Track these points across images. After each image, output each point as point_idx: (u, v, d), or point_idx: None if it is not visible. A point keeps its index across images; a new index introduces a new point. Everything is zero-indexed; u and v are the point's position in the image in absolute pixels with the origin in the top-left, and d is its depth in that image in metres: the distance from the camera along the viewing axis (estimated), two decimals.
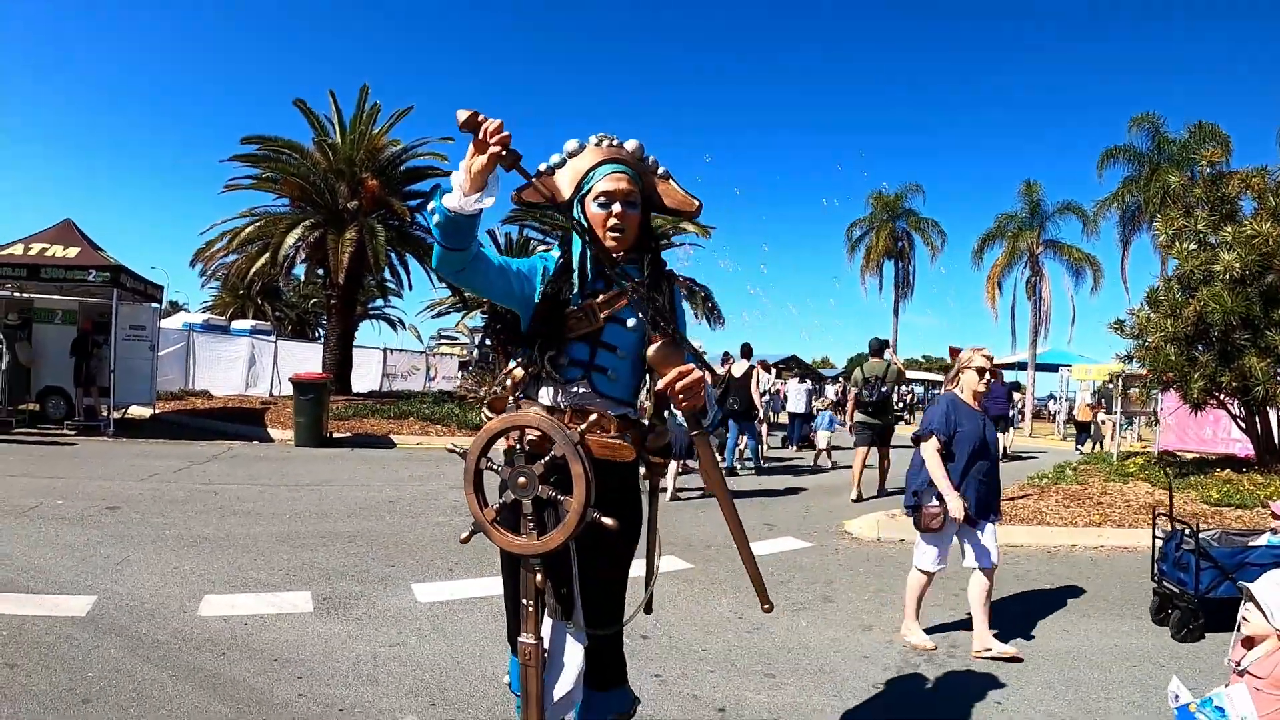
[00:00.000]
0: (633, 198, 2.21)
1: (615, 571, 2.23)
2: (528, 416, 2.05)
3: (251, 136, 18.92)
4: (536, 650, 2.05)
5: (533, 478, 2.01)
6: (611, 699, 2.28)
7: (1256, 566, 4.64)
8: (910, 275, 37.91)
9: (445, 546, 6.12)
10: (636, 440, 2.22)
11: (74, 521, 6.20)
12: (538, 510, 2.02)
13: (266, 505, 7.38)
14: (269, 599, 4.58)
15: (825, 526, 7.90)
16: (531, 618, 2.06)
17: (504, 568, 2.29)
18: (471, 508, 2.07)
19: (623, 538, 2.14)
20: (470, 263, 2.00)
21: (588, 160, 2.22)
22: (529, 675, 2.06)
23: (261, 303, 37.81)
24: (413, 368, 28.07)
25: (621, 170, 2.19)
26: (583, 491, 1.95)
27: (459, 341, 45.73)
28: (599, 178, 2.18)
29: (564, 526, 1.97)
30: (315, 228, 18.49)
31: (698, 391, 2.04)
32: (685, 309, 2.53)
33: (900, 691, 3.72)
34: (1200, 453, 15.37)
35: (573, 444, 1.98)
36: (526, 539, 2.02)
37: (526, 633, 2.06)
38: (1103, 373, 24.84)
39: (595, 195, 2.18)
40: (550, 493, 2.00)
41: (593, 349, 2.18)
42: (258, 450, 11.93)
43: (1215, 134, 24.23)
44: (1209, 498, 8.70)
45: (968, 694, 3.73)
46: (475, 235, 1.96)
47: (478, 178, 1.84)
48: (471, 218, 1.89)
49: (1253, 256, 9.28)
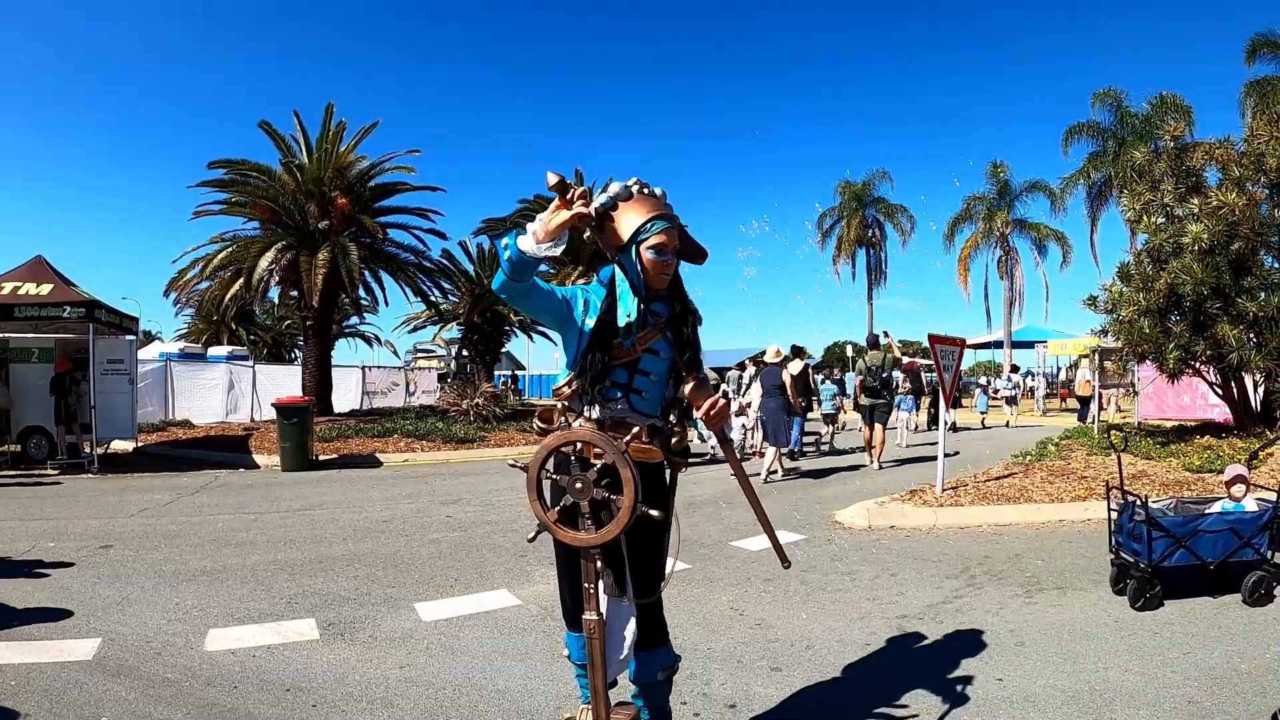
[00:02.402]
0: (675, 250, 2.64)
1: (654, 551, 2.70)
2: (580, 432, 2.48)
3: (219, 161, 18.85)
4: (600, 624, 2.49)
5: (588, 482, 2.44)
6: (658, 657, 2.76)
7: (1210, 534, 4.79)
8: (882, 261, 38.29)
9: (444, 564, 6.15)
10: (663, 445, 2.65)
11: (69, 563, 6.16)
12: (594, 509, 2.46)
13: (260, 533, 7.36)
14: (274, 628, 4.59)
15: (816, 518, 8.01)
16: (593, 598, 2.48)
17: (560, 560, 2.73)
18: (536, 512, 2.50)
19: (660, 523, 2.59)
20: (525, 291, 2.48)
21: (639, 210, 2.58)
22: (594, 645, 2.48)
23: (236, 327, 37.59)
24: (392, 384, 27.96)
25: (669, 226, 2.60)
26: (632, 491, 2.39)
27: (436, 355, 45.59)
28: (655, 231, 2.57)
29: (618, 521, 2.41)
30: (288, 249, 18.40)
31: (724, 416, 2.64)
32: None
33: (904, 677, 3.79)
34: (1180, 420, 15.62)
35: (621, 452, 2.40)
36: (586, 533, 2.45)
37: (589, 610, 2.48)
38: (1078, 347, 25.16)
39: (652, 245, 2.57)
40: (604, 494, 2.44)
41: (630, 374, 2.64)
42: (245, 478, 11.86)
43: (1177, 105, 24.66)
44: (1191, 465, 8.87)
45: (968, 674, 3.82)
46: (535, 268, 2.43)
47: (555, 231, 2.33)
48: (539, 260, 2.38)
49: (1220, 227, 9.48)
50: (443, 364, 40.04)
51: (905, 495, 8.69)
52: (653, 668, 2.75)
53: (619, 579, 2.59)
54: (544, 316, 2.65)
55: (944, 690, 3.63)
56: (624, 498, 2.39)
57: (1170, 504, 5.31)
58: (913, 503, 8.30)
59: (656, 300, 2.68)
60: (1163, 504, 5.24)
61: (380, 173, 20.40)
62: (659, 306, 2.69)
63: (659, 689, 2.79)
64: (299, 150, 19.42)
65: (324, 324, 19.96)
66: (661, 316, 2.67)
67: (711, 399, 2.61)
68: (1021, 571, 5.80)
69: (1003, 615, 4.77)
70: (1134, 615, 4.70)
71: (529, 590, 5.36)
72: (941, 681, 3.73)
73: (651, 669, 2.75)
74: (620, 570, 2.59)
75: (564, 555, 2.68)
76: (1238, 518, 4.84)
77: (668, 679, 2.80)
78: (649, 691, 2.78)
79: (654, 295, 2.66)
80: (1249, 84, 24.22)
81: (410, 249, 21.28)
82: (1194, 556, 4.79)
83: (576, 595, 2.60)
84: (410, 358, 44.44)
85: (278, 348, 40.72)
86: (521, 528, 7.47)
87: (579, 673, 2.78)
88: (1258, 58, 24.42)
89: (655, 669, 2.75)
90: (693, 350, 2.74)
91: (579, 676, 2.80)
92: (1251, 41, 24.52)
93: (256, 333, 40.00)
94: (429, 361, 43.25)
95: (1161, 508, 5.13)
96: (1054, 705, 3.48)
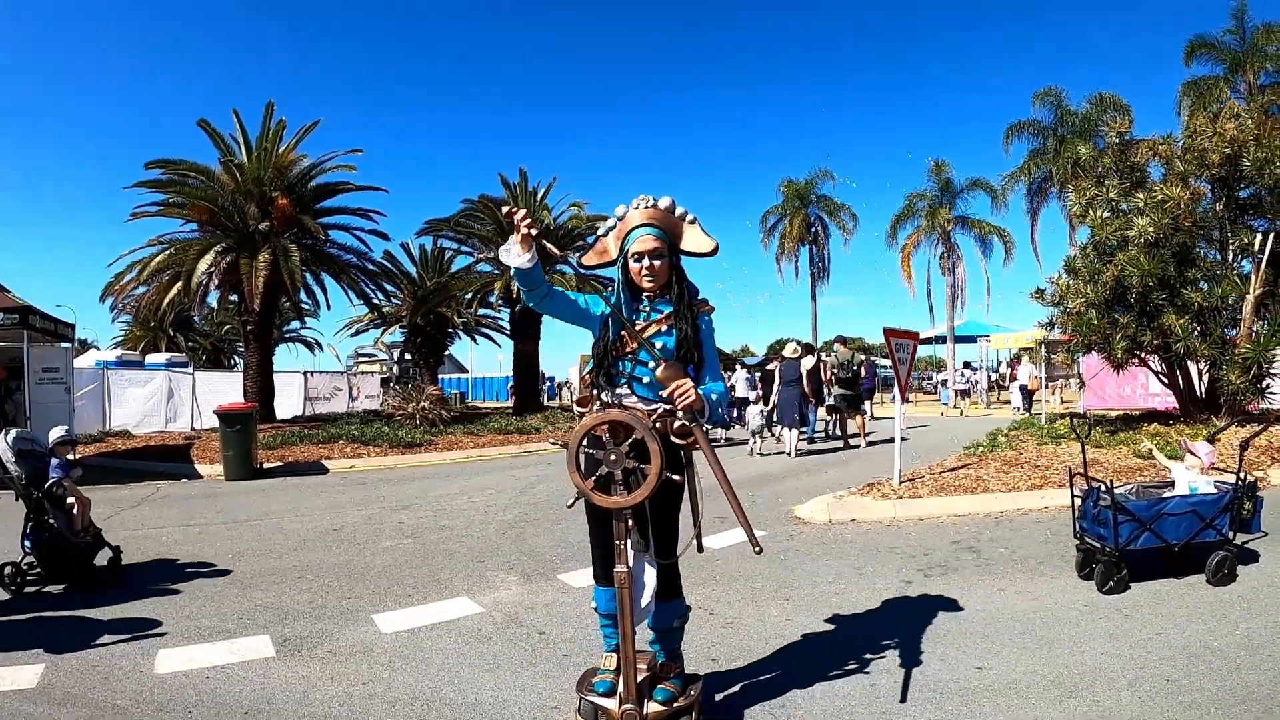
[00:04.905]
0: (659, 252, 3.07)
1: (671, 513, 3.11)
2: (613, 413, 2.89)
3: (156, 160, 18.19)
4: (628, 575, 2.90)
5: (621, 455, 2.85)
6: (673, 607, 3.22)
7: (1174, 516, 4.86)
8: (825, 259, 38.56)
9: (399, 572, 5.92)
10: (667, 426, 2.97)
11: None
12: (626, 476, 2.87)
13: (206, 546, 7.03)
14: (227, 647, 4.33)
15: (775, 514, 7.94)
16: (623, 553, 2.90)
17: (592, 524, 3.17)
18: (575, 481, 2.88)
19: (676, 491, 3.02)
20: (544, 297, 3.05)
21: (628, 224, 3.13)
22: (623, 593, 2.88)
23: (175, 334, 36.43)
24: (335, 389, 27.36)
25: (649, 232, 3.08)
26: (658, 461, 2.79)
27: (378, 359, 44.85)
28: (634, 240, 3.09)
29: (646, 485, 2.81)
30: (227, 252, 17.84)
31: (689, 397, 2.89)
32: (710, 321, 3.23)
33: (884, 671, 3.74)
34: (1122, 409, 16.03)
35: (648, 429, 2.83)
36: (619, 497, 2.86)
37: (620, 564, 2.89)
38: (1020, 340, 25.76)
39: (631, 254, 3.09)
40: (634, 464, 2.85)
41: (633, 364, 3.08)
42: (187, 488, 11.39)
43: (1116, 104, 25.33)
44: (1141, 452, 9.03)
45: (949, 665, 3.78)
46: (539, 279, 2.96)
47: (522, 247, 2.82)
48: (528, 271, 2.89)
49: (1166, 220, 9.70)
50: (385, 368, 39.42)
51: (863, 489, 8.68)
52: (670, 615, 3.20)
53: (644, 537, 3.03)
54: (568, 318, 3.17)
55: (926, 682, 3.58)
56: (651, 466, 2.79)
57: (1132, 489, 5.36)
58: (871, 495, 8.28)
59: (660, 299, 3.14)
60: (1125, 489, 5.28)
61: (321, 172, 19.90)
62: (661, 304, 3.13)
63: (674, 634, 3.24)
64: (239, 150, 18.84)
65: (265, 328, 19.38)
66: (661, 313, 3.11)
67: (678, 381, 2.89)
68: (986, 560, 5.81)
69: (973, 604, 4.75)
70: (1102, 599, 4.74)
71: (490, 597, 5.17)
72: (922, 673, 3.68)
73: (669, 616, 3.20)
74: (645, 529, 3.03)
75: (597, 519, 3.11)
76: (1200, 500, 4.91)
77: (681, 626, 3.27)
78: (666, 636, 3.22)
79: (657, 295, 3.13)
80: (1186, 83, 25.13)
81: (352, 250, 20.82)
82: (1159, 539, 4.85)
83: (607, 553, 3.02)
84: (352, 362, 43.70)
85: (217, 354, 39.56)
86: (477, 533, 7.28)
87: (604, 623, 3.24)
88: (1195, 58, 25.32)
89: (672, 617, 3.21)
90: (689, 345, 3.07)
91: (604, 627, 3.26)
92: (1190, 43, 25.46)
93: (196, 339, 38.79)
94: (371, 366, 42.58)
95: (1124, 493, 5.17)
96: (1036, 690, 3.47)
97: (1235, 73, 24.46)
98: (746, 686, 3.64)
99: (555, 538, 6.92)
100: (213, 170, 18.59)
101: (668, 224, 3.12)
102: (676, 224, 3.14)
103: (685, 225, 3.16)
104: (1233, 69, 24.55)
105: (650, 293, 3.12)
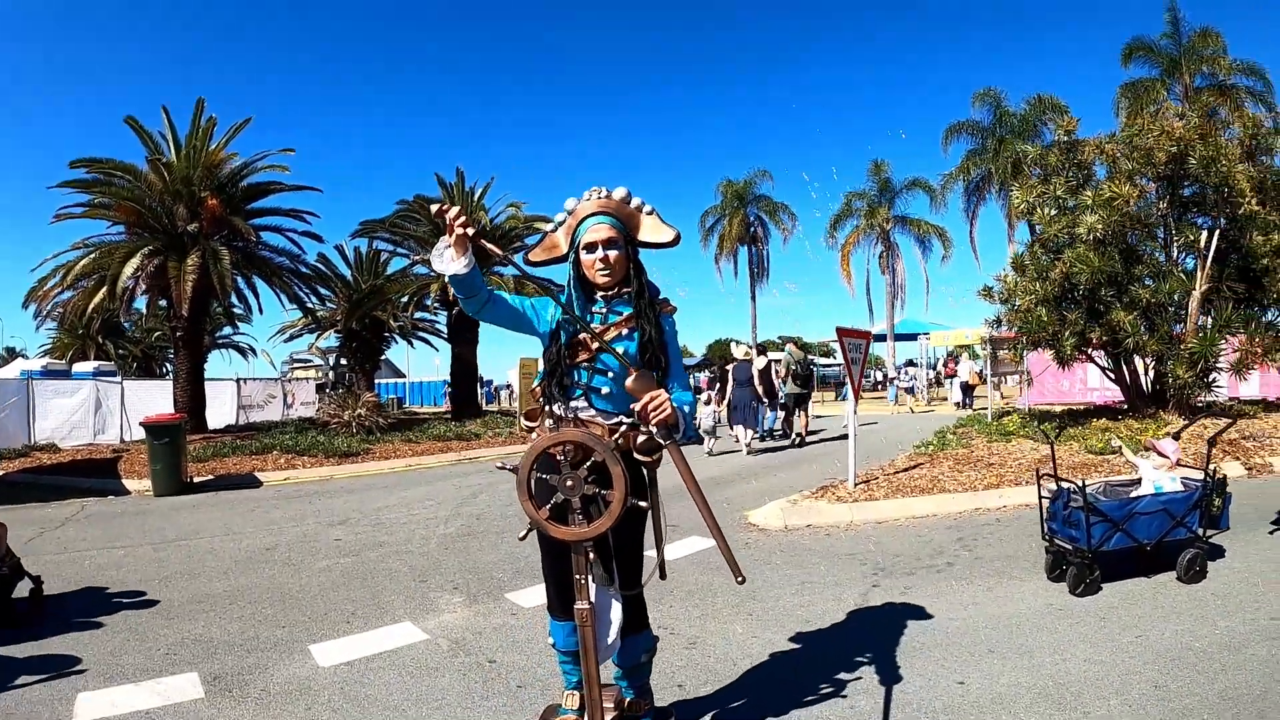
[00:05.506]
0: (615, 242, 2.73)
1: (635, 539, 2.85)
2: (569, 433, 2.56)
3: (81, 159, 17.31)
4: (591, 612, 2.56)
5: (579, 480, 2.52)
6: (640, 640, 2.93)
7: (1145, 515, 4.80)
8: (765, 259, 38.79)
9: (337, 596, 5.50)
10: (629, 440, 2.66)
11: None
12: (585, 504, 2.53)
13: (132, 571, 6.51)
14: (152, 688, 3.90)
15: (729, 520, 7.65)
16: (584, 589, 2.57)
17: (547, 556, 2.82)
18: (528, 511, 2.53)
19: (640, 515, 2.76)
20: (485, 305, 2.69)
21: (578, 215, 2.79)
22: (585, 632, 2.55)
23: (103, 341, 34.89)
24: (269, 396, 26.40)
25: (602, 220, 2.74)
26: (623, 486, 2.47)
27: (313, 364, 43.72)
28: (585, 230, 2.75)
29: (609, 514, 2.49)
30: (154, 255, 17.04)
31: (664, 411, 2.55)
32: (673, 323, 2.93)
33: (862, 690, 3.53)
34: (1063, 404, 16.27)
35: (610, 450, 2.49)
36: (579, 528, 2.51)
37: (581, 600, 2.56)
38: (959, 338, 26.17)
39: (584, 245, 2.74)
40: (594, 489, 2.52)
41: (590, 373, 2.74)
42: (115, 505, 10.72)
43: (1054, 105, 25.95)
44: (1093, 448, 9.07)
45: (929, 680, 3.59)
46: (478, 285, 2.61)
47: (456, 250, 2.50)
48: (465, 277, 2.54)
49: (1115, 217, 9.76)
50: (321, 374, 38.40)
51: (817, 492, 8.48)
52: (637, 650, 2.91)
53: (608, 569, 2.76)
54: (512, 325, 2.83)
55: (908, 701, 3.38)
56: (615, 492, 2.47)
57: (1100, 487, 5.27)
58: (826, 499, 8.09)
59: (618, 299, 2.79)
60: (1094, 488, 5.19)
61: (252, 172, 19.14)
62: (620, 305, 2.79)
63: (642, 669, 2.97)
64: (167, 148, 18.02)
65: (195, 334, 18.58)
66: (621, 315, 2.77)
67: (651, 393, 2.55)
68: (951, 564, 5.67)
69: (944, 612, 4.58)
70: (1075, 602, 4.63)
71: (434, 621, 4.81)
72: (902, 691, 3.48)
73: (636, 651, 2.91)
74: (609, 561, 2.76)
75: (552, 551, 2.78)
76: (1170, 498, 4.85)
77: (649, 659, 3.00)
78: (634, 672, 2.95)
79: (615, 294, 2.78)
80: (1124, 85, 25.82)
81: (285, 253, 20.10)
82: (1131, 539, 4.78)
83: (563, 588, 2.73)
84: (287, 368, 42.48)
85: (148, 362, 38.00)
86: (418, 549, 6.89)
87: (563, 659, 2.92)
88: (1133, 60, 26.00)
89: (640, 651, 2.93)
90: (654, 348, 2.75)
91: (563, 664, 2.93)
92: (1128, 45, 26.18)
93: (125, 346, 37.21)
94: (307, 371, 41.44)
95: (1093, 492, 5.07)
96: (1023, 705, 3.30)
97: (1171, 75, 25.24)
98: (718, 716, 3.39)
99: (501, 553, 6.57)
100: (140, 170, 17.76)
101: (623, 214, 2.79)
102: (633, 214, 2.81)
103: (643, 216, 2.83)
104: (1169, 71, 25.31)
105: (606, 290, 2.77)
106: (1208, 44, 24.85)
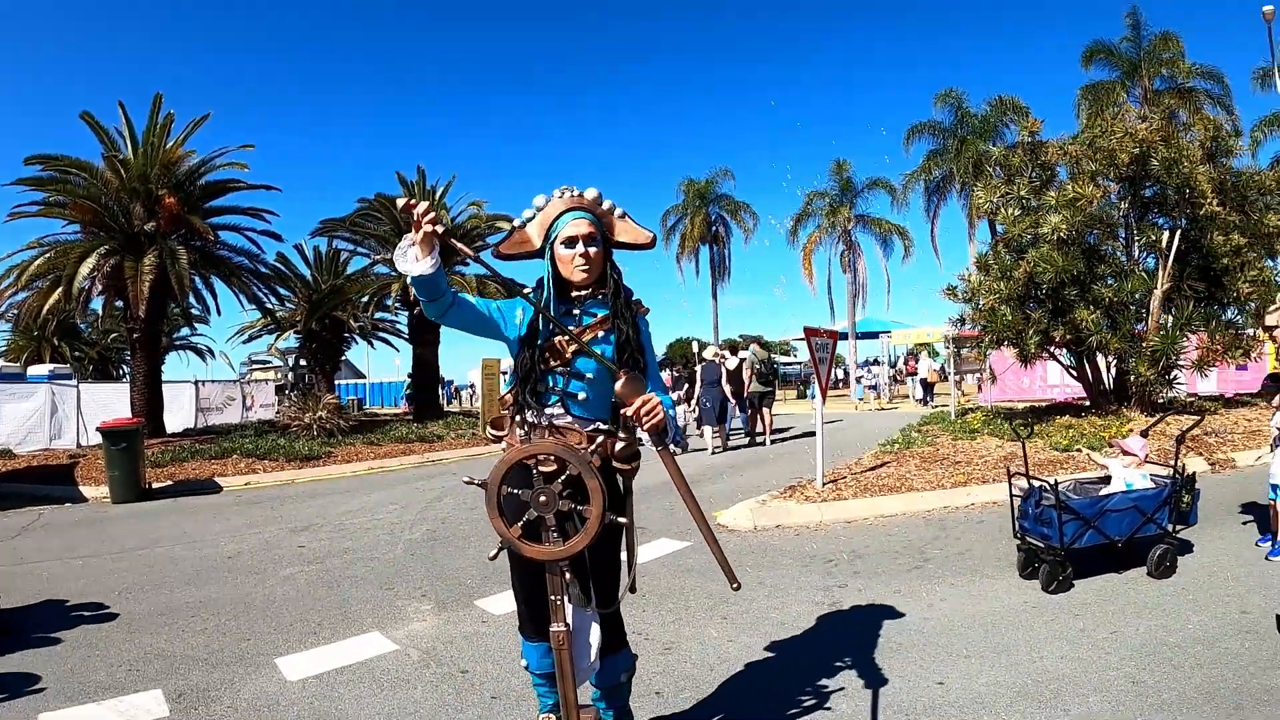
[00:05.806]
0: (595, 239, 2.64)
1: (613, 555, 2.72)
2: (543, 445, 2.45)
3: (35, 156, 16.71)
4: (567, 634, 2.45)
5: (553, 495, 2.39)
6: (619, 660, 2.81)
7: (1116, 513, 4.86)
8: (726, 258, 38.87)
9: (303, 605, 5.36)
10: (608, 448, 2.56)
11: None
12: (559, 521, 2.41)
13: (91, 582, 6.30)
14: (114, 706, 3.75)
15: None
16: (559, 610, 2.44)
17: (519, 575, 2.68)
18: (499, 529, 2.40)
19: (617, 530, 2.67)
20: (449, 308, 2.53)
21: (553, 211, 2.66)
22: (562, 655, 2.44)
23: (59, 343, 33.99)
24: (228, 399, 25.87)
25: (582, 216, 2.64)
26: (600, 501, 2.35)
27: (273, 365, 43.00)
28: (564, 225, 2.63)
29: (586, 532, 2.37)
30: (111, 255, 16.57)
31: (656, 416, 2.46)
32: (647, 324, 2.82)
33: (841, 692, 3.51)
34: (1025, 401, 16.48)
35: (586, 463, 2.37)
36: (554, 547, 2.39)
37: (557, 622, 2.43)
38: (920, 336, 26.46)
39: (562, 239, 2.62)
40: (569, 505, 2.39)
41: (566, 378, 2.60)
42: (72, 514, 10.42)
43: (1015, 106, 26.28)
44: (1058, 444, 9.16)
45: (907, 680, 3.58)
46: (443, 287, 2.46)
47: (422, 248, 2.35)
48: (430, 277, 2.39)
49: (1079, 217, 9.88)
50: (280, 375, 37.74)
51: (785, 491, 8.46)
52: (617, 670, 2.80)
53: (585, 589, 2.59)
54: (477, 331, 2.69)
55: (889, 704, 3.37)
56: (592, 508, 2.35)
57: (1070, 485, 5.32)
58: (795, 499, 8.07)
59: (591, 300, 2.68)
60: (1065, 486, 5.23)
61: (211, 169, 18.62)
62: (595, 306, 2.68)
63: (622, 689, 2.85)
64: (124, 144, 17.50)
65: (152, 336, 18.10)
66: (596, 316, 2.66)
67: (643, 397, 2.46)
68: (924, 563, 5.69)
69: (918, 611, 4.59)
70: (1048, 599, 4.66)
71: (404, 630, 4.70)
72: (882, 694, 3.47)
73: (616, 672, 2.80)
74: (586, 580, 2.60)
75: (524, 570, 2.63)
76: (1141, 495, 4.92)
77: (629, 679, 2.88)
78: (613, 693, 2.83)
79: (588, 295, 2.67)
80: (1084, 87, 26.24)
81: (244, 252, 19.62)
82: (1103, 536, 4.82)
83: (536, 608, 2.60)
84: (246, 370, 41.71)
85: (105, 364, 37.05)
86: (384, 555, 6.76)
87: (537, 681, 2.81)
88: (1094, 62, 26.43)
89: (619, 671, 2.81)
90: (632, 349, 2.66)
91: (538, 686, 2.83)
92: (1088, 48, 26.59)
93: (82, 349, 36.28)
94: (266, 373, 40.66)
95: (1064, 490, 5.11)
96: (1004, 704, 3.31)
97: (1131, 77, 25.69)
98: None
99: (469, 557, 6.46)
100: (97, 167, 17.21)
101: (597, 213, 2.69)
102: (606, 215, 2.72)
103: (615, 219, 2.74)
104: (1129, 74, 25.75)
105: (581, 288, 2.65)
106: (1168, 48, 25.30)
